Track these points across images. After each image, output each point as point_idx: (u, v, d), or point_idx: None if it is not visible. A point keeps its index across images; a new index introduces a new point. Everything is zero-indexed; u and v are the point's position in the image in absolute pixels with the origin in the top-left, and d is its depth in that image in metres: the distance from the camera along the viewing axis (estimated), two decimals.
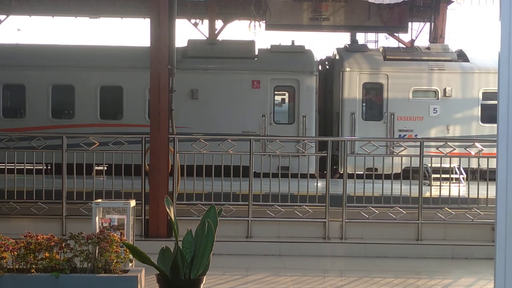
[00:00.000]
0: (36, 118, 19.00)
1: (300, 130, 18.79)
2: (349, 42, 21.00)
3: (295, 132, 18.75)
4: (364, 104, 19.54)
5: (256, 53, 19.64)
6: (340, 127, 19.05)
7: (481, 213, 10.86)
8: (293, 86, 19.16)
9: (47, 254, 7.02)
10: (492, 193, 10.28)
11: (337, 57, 20.06)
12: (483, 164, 11.24)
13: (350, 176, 11.54)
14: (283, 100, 19.85)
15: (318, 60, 20.16)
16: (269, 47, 20.25)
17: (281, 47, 20.32)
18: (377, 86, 19.35)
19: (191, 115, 18.78)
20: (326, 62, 20.79)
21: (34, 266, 6.98)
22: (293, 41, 21.00)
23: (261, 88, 19.06)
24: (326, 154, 11.00)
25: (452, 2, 22.33)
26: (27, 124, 19.00)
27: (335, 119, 19.54)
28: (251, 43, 19.92)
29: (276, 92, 19.39)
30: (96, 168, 11.31)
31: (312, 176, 11.49)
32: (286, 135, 17.60)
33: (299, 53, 19.68)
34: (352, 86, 19.24)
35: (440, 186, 11.40)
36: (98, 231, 7.54)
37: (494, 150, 9.71)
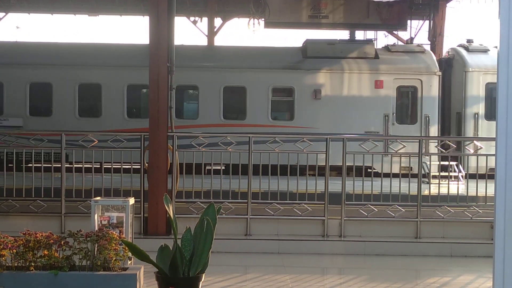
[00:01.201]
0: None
1: (422, 131, 18.86)
2: (466, 42, 20.92)
3: (417, 133, 18.81)
4: (487, 104, 19.42)
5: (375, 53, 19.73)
6: (462, 127, 19.08)
7: (480, 211, 10.87)
8: (416, 86, 19.19)
9: (46, 252, 7.02)
10: (491, 191, 10.34)
11: (456, 57, 20.00)
12: (482, 162, 11.26)
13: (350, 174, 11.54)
14: (405, 100, 19.84)
15: None
16: (386, 47, 20.31)
17: (401, 47, 20.52)
18: None
19: (314, 115, 18.96)
20: (443, 62, 20.68)
21: (33, 264, 6.99)
22: (409, 40, 21.17)
23: (384, 88, 19.10)
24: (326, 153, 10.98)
25: (451, 0, 22.35)
26: (144, 124, 18.98)
27: (455, 119, 19.53)
28: (370, 43, 20.00)
29: (398, 92, 19.39)
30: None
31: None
32: (406, 136, 17.57)
33: (420, 53, 19.78)
34: (475, 87, 19.23)
35: (439, 184, 11.41)
36: (97, 229, 7.54)
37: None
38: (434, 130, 18.86)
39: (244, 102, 19.37)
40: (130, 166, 11.24)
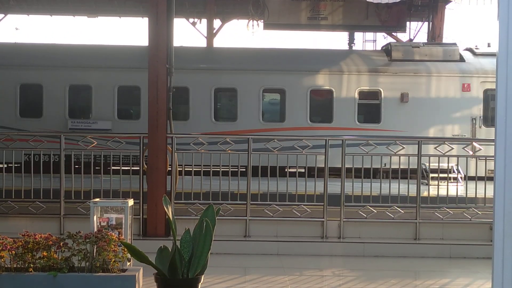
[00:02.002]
0: (248, 122, 19.33)
1: None
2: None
3: None
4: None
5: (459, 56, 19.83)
6: None
7: (479, 212, 10.88)
8: None
9: (45, 253, 7.02)
10: (490, 193, 10.34)
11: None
12: (481, 164, 11.27)
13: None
14: (492, 103, 19.95)
15: None
16: (469, 49, 20.40)
17: (484, 49, 20.51)
18: None
19: (401, 118, 19.05)
20: None
21: (32, 265, 6.98)
22: (489, 44, 21.36)
23: (471, 91, 19.18)
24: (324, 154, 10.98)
25: (450, 1, 22.37)
26: (239, 127, 19.20)
27: None
28: (455, 46, 20.05)
29: (485, 95, 19.41)
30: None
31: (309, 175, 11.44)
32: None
33: None
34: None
35: (438, 185, 11.42)
36: (96, 230, 7.54)
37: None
38: None
39: (330, 106, 19.51)
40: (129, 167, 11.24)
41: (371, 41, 30.56)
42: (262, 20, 22.07)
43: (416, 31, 24.57)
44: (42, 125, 18.80)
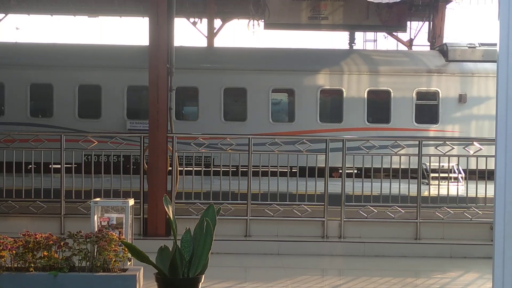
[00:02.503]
0: (305, 122, 19.59)
1: None
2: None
3: None
4: None
5: None
6: None
7: (479, 212, 10.87)
8: None
9: (45, 253, 7.02)
10: (490, 192, 10.34)
11: None
12: (482, 164, 11.26)
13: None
14: None
15: None
16: None
17: None
18: None
19: (460, 119, 19.24)
20: None
21: (32, 265, 6.98)
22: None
23: None
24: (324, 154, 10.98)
25: (451, 1, 22.37)
26: (296, 128, 19.44)
27: None
28: None
29: None
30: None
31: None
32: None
33: None
34: None
35: (439, 185, 11.41)
36: (96, 230, 7.55)
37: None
38: None
39: (388, 106, 19.66)
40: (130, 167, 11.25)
41: (371, 40, 30.55)
42: (262, 20, 22.07)
43: (417, 30, 24.58)
44: (100, 126, 19.06)
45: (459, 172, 13.93)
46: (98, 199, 8.43)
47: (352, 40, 30.44)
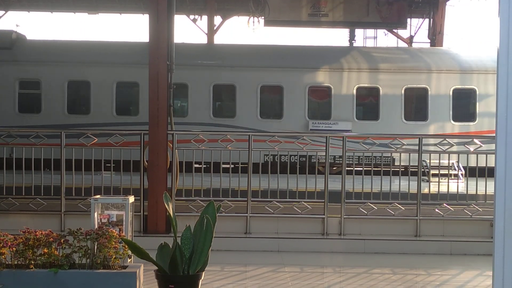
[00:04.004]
0: (391, 121, 19.84)
1: None
2: None
3: None
4: None
5: None
6: None
7: (479, 209, 10.87)
8: None
9: (45, 250, 7.02)
10: (490, 189, 10.34)
11: None
12: (482, 161, 11.26)
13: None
14: None
15: None
16: None
17: None
18: None
19: None
20: None
21: (32, 262, 6.98)
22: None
23: None
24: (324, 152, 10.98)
25: None
26: (381, 127, 19.64)
27: None
28: None
29: None
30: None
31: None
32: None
33: None
34: None
35: (439, 182, 11.42)
36: (96, 227, 7.55)
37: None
38: None
39: (474, 105, 20.00)
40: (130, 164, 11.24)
41: (371, 37, 30.55)
42: (262, 17, 22.07)
43: (417, 27, 24.57)
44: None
45: (459, 169, 13.94)
46: (98, 196, 8.43)
47: (352, 37, 30.44)
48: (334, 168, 17.52)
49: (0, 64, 19.58)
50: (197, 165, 10.94)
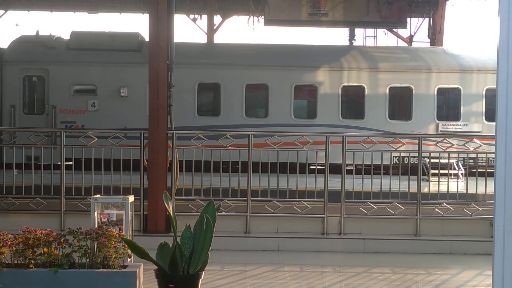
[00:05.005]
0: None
1: None
2: None
3: None
4: None
5: None
6: None
7: (479, 208, 10.87)
8: None
9: (45, 250, 7.02)
10: (490, 189, 10.33)
11: None
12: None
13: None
14: None
15: None
16: None
17: None
18: None
19: None
20: None
21: (32, 262, 6.99)
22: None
23: None
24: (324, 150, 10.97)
25: None
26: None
27: None
28: None
29: None
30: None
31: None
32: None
33: None
34: None
35: (439, 181, 11.41)
36: (96, 226, 7.54)
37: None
38: None
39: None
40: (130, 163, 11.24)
41: (371, 37, 30.50)
42: (262, 16, 22.06)
43: (417, 27, 24.56)
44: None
45: (459, 169, 13.94)
46: (98, 195, 8.43)
47: (352, 36, 30.41)
48: None
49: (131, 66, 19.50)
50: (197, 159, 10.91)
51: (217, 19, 24.34)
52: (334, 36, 60.14)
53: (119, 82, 19.41)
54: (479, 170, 11.24)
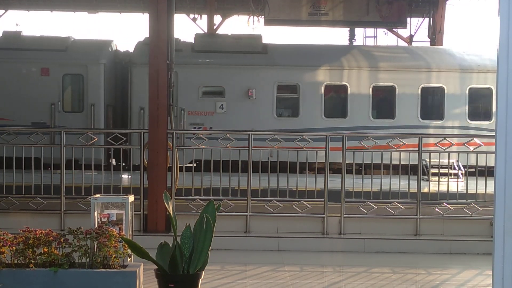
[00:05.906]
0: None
1: None
2: None
3: None
4: None
5: None
6: None
7: (479, 208, 10.87)
8: None
9: (45, 249, 7.02)
10: (490, 189, 10.33)
11: None
12: (482, 160, 11.26)
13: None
14: None
15: None
16: None
17: None
18: None
19: None
20: None
21: (32, 261, 6.99)
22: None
23: None
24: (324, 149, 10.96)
25: None
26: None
27: None
28: None
29: None
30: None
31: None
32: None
33: None
34: None
35: (439, 181, 11.41)
36: (96, 226, 7.54)
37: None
38: None
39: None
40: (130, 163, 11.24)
41: (371, 37, 30.53)
42: (262, 16, 22.06)
43: (417, 26, 24.56)
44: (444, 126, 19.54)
45: (459, 168, 13.93)
46: (98, 195, 8.42)
47: (352, 36, 30.44)
48: None
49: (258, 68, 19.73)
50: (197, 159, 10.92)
51: (217, 18, 24.34)
52: (334, 36, 60.16)
53: (248, 84, 19.51)
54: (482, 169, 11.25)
